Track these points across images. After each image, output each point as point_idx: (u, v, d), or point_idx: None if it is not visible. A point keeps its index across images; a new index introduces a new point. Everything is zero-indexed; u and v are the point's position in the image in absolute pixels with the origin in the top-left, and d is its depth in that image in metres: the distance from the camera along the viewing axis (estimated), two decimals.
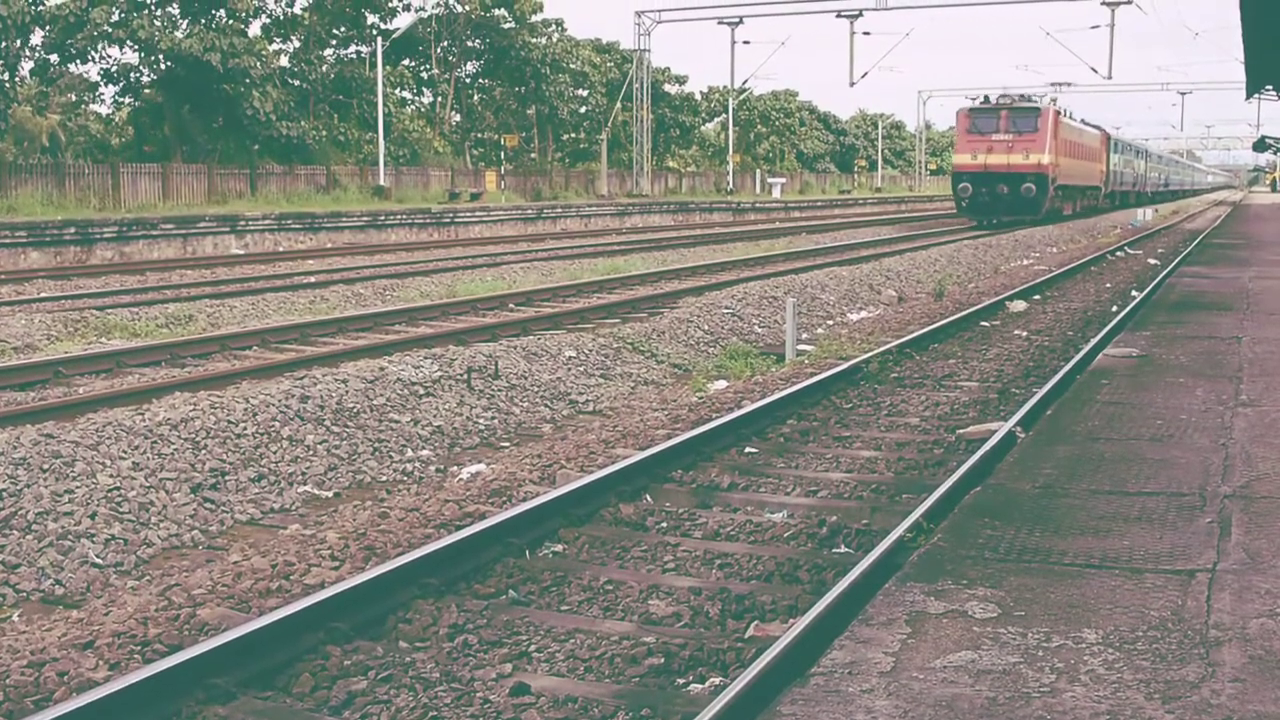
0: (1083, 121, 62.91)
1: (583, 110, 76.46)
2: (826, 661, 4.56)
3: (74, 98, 55.22)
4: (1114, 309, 21.87)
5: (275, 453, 10.28)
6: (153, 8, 47.43)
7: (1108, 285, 27.87)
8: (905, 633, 4.83)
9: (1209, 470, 7.48)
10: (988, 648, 4.68)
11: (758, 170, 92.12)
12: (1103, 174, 68.37)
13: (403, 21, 60.72)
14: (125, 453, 9.45)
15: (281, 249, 36.72)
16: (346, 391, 11.81)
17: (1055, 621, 4.96)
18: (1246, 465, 7.59)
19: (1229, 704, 4.18)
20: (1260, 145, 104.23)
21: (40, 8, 45.20)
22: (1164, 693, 4.28)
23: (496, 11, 66.29)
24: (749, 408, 12.07)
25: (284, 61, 53.71)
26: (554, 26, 71.66)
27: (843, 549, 8.25)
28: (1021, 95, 53.02)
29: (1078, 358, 14.91)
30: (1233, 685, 4.33)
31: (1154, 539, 6.09)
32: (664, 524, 8.87)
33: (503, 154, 63.30)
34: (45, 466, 8.91)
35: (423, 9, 62.15)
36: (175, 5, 47.97)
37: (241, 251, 35.29)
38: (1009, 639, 4.77)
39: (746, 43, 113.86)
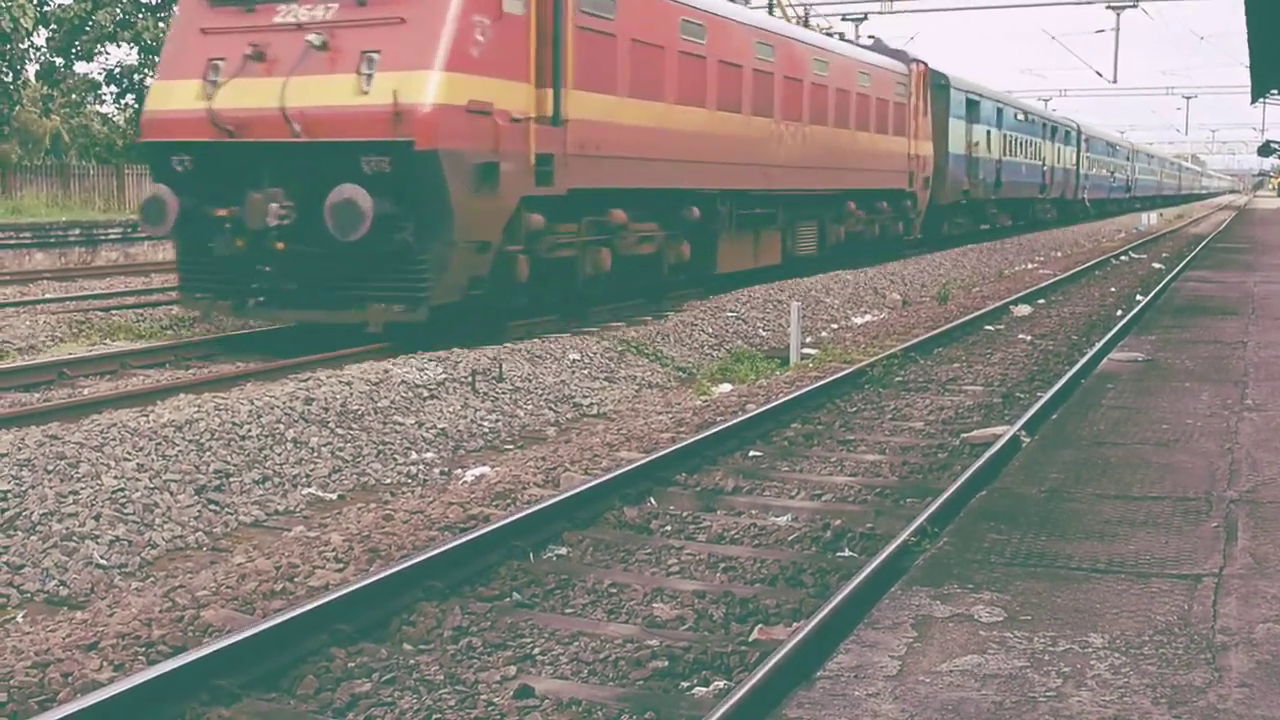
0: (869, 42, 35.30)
1: None
2: (832, 665, 4.55)
3: (76, 98, 55.17)
4: (1119, 313, 21.86)
5: (280, 455, 10.27)
6: (155, 9, 47.42)
7: (1112, 289, 27.86)
8: (911, 636, 4.82)
9: (1215, 475, 7.47)
10: (994, 652, 4.67)
11: None
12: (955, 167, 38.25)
13: None
14: (130, 454, 9.45)
15: None
16: (351, 394, 11.81)
17: (1061, 626, 4.95)
18: (1252, 470, 7.58)
19: (1236, 709, 4.17)
20: (1265, 150, 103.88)
21: (45, 8, 45.14)
22: (1170, 697, 4.27)
23: None
24: (753, 411, 12.06)
25: None
26: None
27: (847, 553, 8.24)
28: None
29: (1083, 362, 14.90)
30: (1239, 690, 4.32)
31: (1160, 544, 6.08)
32: (668, 527, 8.86)
33: None
34: (50, 468, 8.90)
35: None
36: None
37: None
38: (1015, 643, 4.76)
39: None
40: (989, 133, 42.66)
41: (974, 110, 40.58)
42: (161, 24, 46.01)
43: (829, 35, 32.11)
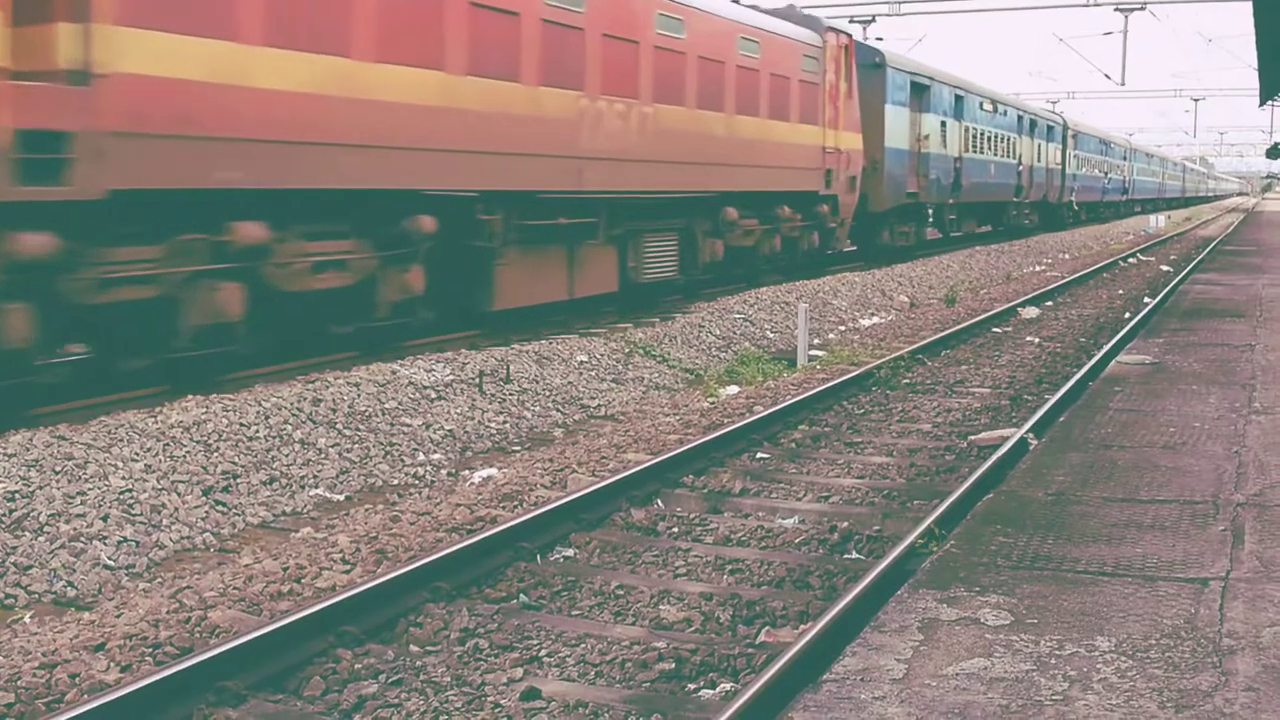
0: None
1: None
2: (839, 668, 4.55)
3: None
4: (1126, 316, 21.85)
5: (287, 456, 10.28)
6: None
7: (1120, 292, 27.83)
8: (918, 639, 4.82)
9: (1222, 478, 7.46)
10: (1000, 655, 4.67)
11: None
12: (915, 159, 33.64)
13: None
14: (137, 455, 9.46)
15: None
16: (358, 395, 11.82)
17: (1068, 629, 4.94)
18: (1260, 473, 7.57)
19: (1242, 713, 4.17)
20: (1273, 152, 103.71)
21: None
22: (1177, 701, 4.26)
23: None
24: (761, 413, 12.07)
25: None
26: None
27: (854, 555, 8.24)
28: None
29: (1090, 364, 14.90)
30: (1246, 694, 4.31)
31: (1167, 547, 6.07)
32: (675, 529, 8.86)
33: None
34: (58, 468, 8.91)
35: None
36: None
37: None
38: (1022, 646, 4.76)
39: None
40: (944, 125, 36.13)
41: (922, 96, 34.29)
42: None
43: None
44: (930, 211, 35.18)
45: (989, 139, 41.58)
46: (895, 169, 31.66)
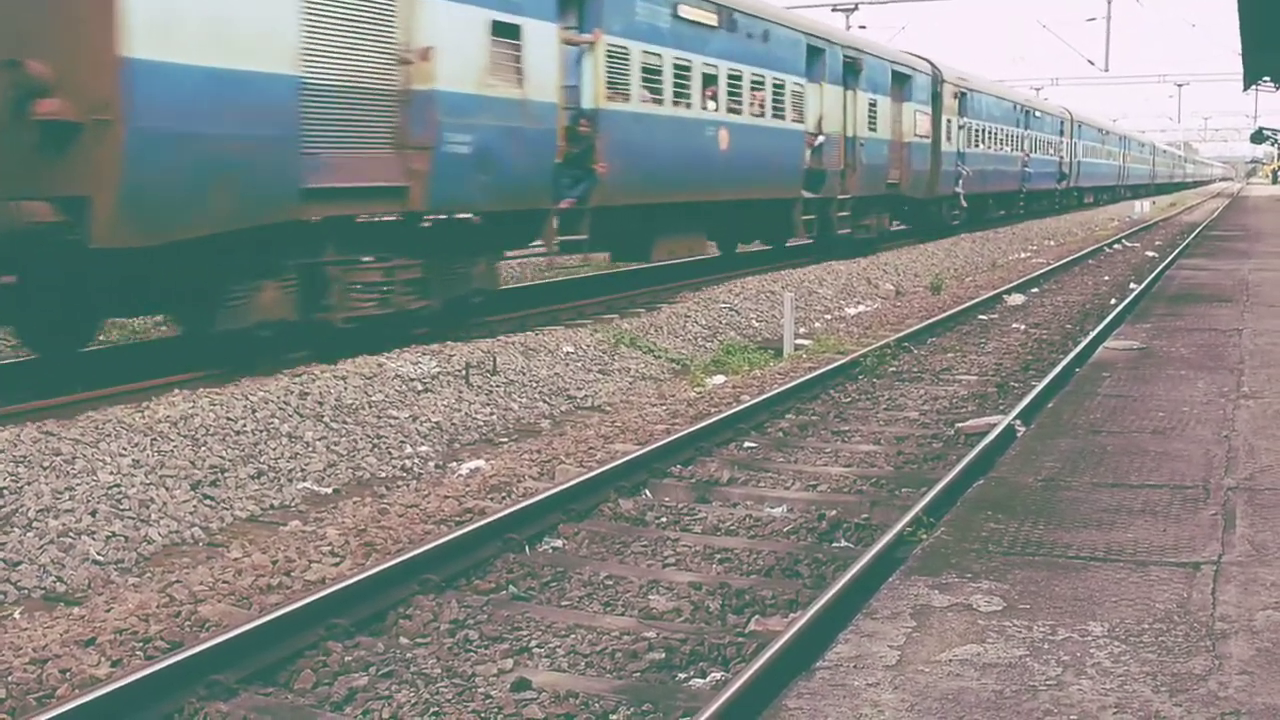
0: None
1: None
2: (832, 655, 4.54)
3: None
4: (1113, 302, 21.87)
5: (275, 449, 10.25)
6: None
7: (1106, 278, 27.88)
8: (910, 626, 4.81)
9: (1212, 463, 7.47)
10: (993, 641, 4.67)
11: None
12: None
13: None
14: (125, 450, 9.43)
15: None
16: (345, 388, 11.79)
17: (1061, 614, 4.95)
18: (1250, 457, 7.58)
19: (1236, 696, 4.17)
20: (1258, 137, 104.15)
21: None
22: (1171, 685, 4.27)
23: None
24: (747, 402, 12.07)
25: None
26: None
27: (843, 543, 8.24)
28: None
29: (1077, 351, 14.91)
30: (1240, 678, 4.32)
31: (1158, 532, 6.08)
32: (663, 519, 8.86)
33: None
34: (46, 464, 8.88)
35: None
36: None
37: None
38: (1014, 632, 4.75)
39: None
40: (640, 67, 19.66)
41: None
42: None
43: None
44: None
45: (745, 99, 23.37)
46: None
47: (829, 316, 21.19)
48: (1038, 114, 52.99)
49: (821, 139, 26.25)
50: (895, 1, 46.90)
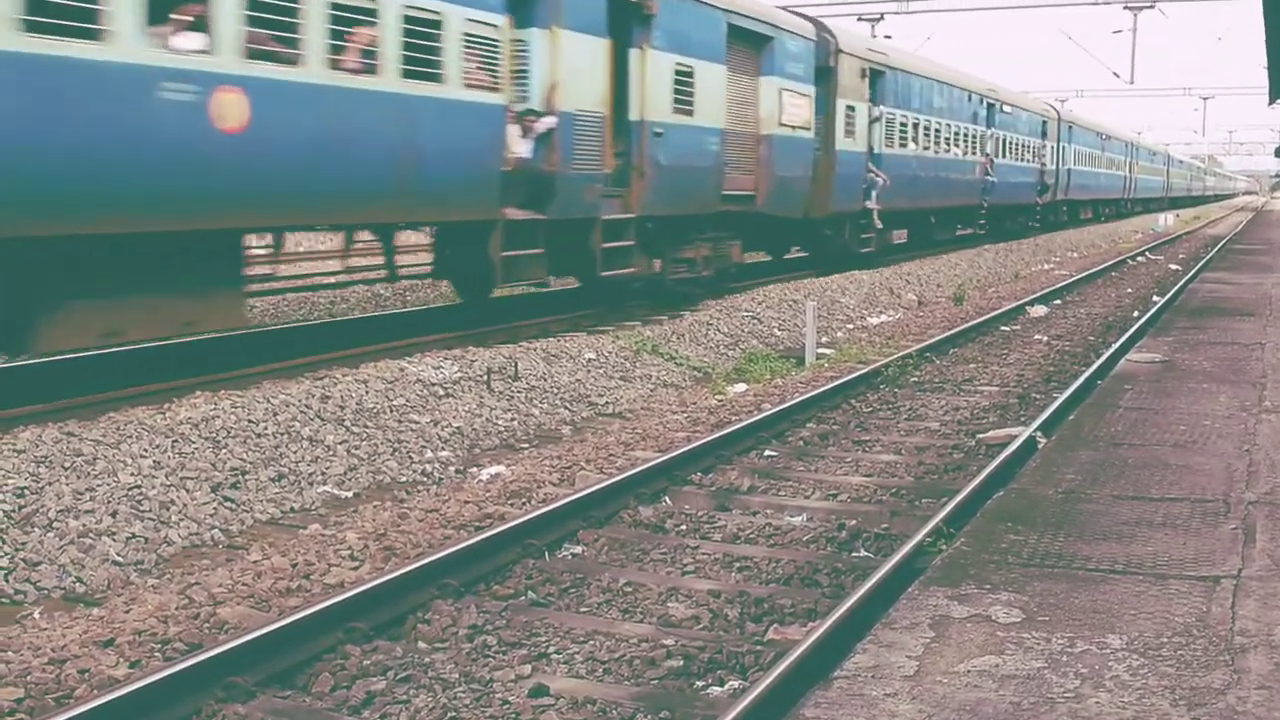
0: None
1: None
2: (850, 665, 4.54)
3: None
4: (1135, 314, 21.81)
5: (295, 452, 10.28)
6: None
7: (1129, 290, 27.80)
8: (929, 636, 4.80)
9: (1233, 476, 7.44)
10: (1012, 652, 4.65)
11: None
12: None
13: None
14: (146, 451, 9.46)
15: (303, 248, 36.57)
16: (367, 392, 11.81)
17: (1079, 627, 4.93)
18: (1271, 472, 7.55)
19: (1255, 711, 4.15)
20: None
21: None
22: (1189, 699, 4.25)
23: None
24: (769, 411, 12.06)
25: None
26: None
27: (862, 553, 8.22)
28: None
29: (1099, 363, 14.87)
30: (1259, 693, 4.30)
31: (1178, 545, 6.06)
32: (683, 526, 8.85)
33: None
34: (67, 464, 8.91)
35: None
36: None
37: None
38: (1033, 644, 4.74)
39: None
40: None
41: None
42: None
43: None
44: None
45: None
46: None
47: (851, 326, 21.17)
48: (1006, 109, 40.98)
49: (551, 121, 15.87)
50: (922, 12, 46.67)
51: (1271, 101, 50.85)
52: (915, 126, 31.55)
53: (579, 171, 16.42)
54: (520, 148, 15.47)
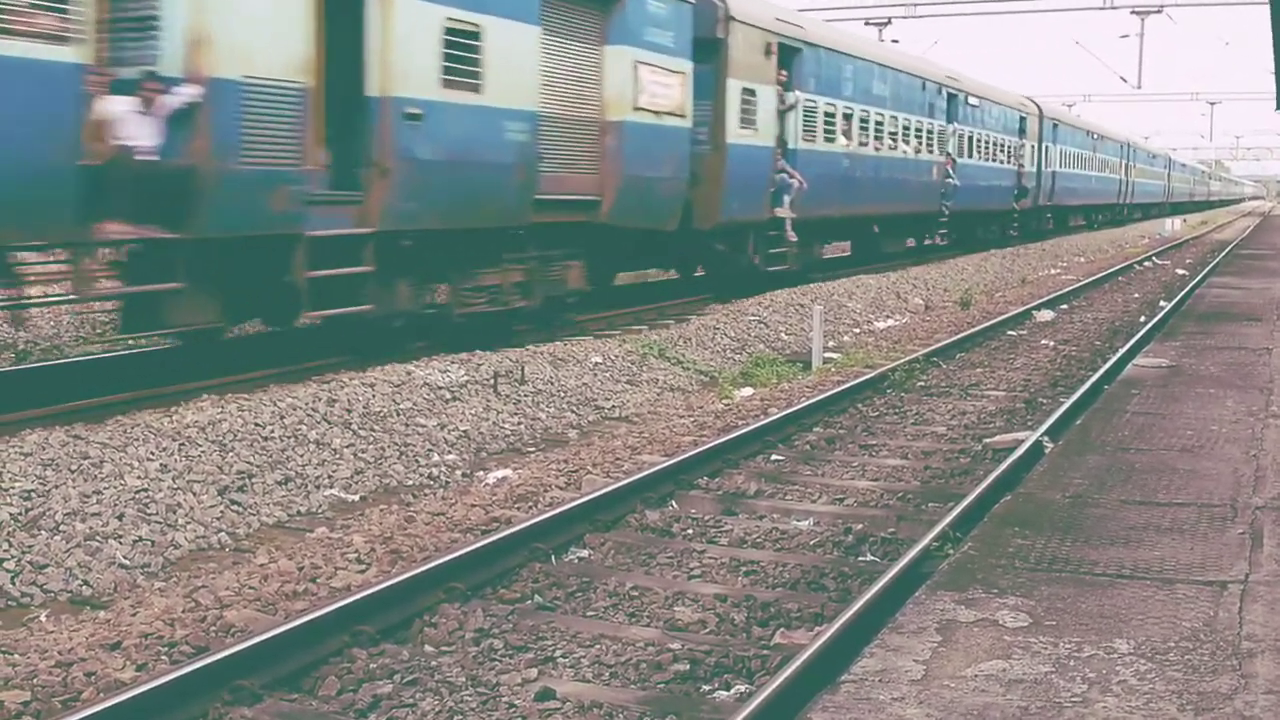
0: None
1: None
2: (857, 669, 4.53)
3: None
4: (1142, 319, 21.78)
5: (302, 456, 10.29)
6: None
7: (1135, 295, 27.77)
8: (936, 641, 4.80)
9: (1240, 481, 7.43)
10: (1019, 657, 4.65)
11: None
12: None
13: None
14: (153, 454, 9.47)
15: None
16: (373, 395, 11.82)
17: (1087, 631, 4.93)
18: (1279, 477, 7.54)
19: (1262, 716, 4.15)
20: None
21: None
22: (1196, 704, 4.24)
23: None
24: (775, 415, 12.05)
25: None
26: None
27: (869, 557, 8.22)
28: None
29: (1106, 367, 14.85)
30: (1266, 697, 4.29)
31: (1185, 550, 6.05)
32: (690, 531, 8.85)
33: None
34: (74, 467, 8.92)
35: None
36: None
37: None
38: (1040, 648, 4.74)
39: None
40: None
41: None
42: None
43: None
44: None
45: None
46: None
47: (858, 330, 21.16)
48: (973, 101, 35.41)
49: (191, 92, 10.75)
50: (929, 17, 46.59)
51: (1279, 107, 50.81)
52: (848, 118, 25.95)
53: (253, 168, 11.24)
54: (133, 131, 10.62)
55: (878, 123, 27.84)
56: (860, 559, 8.17)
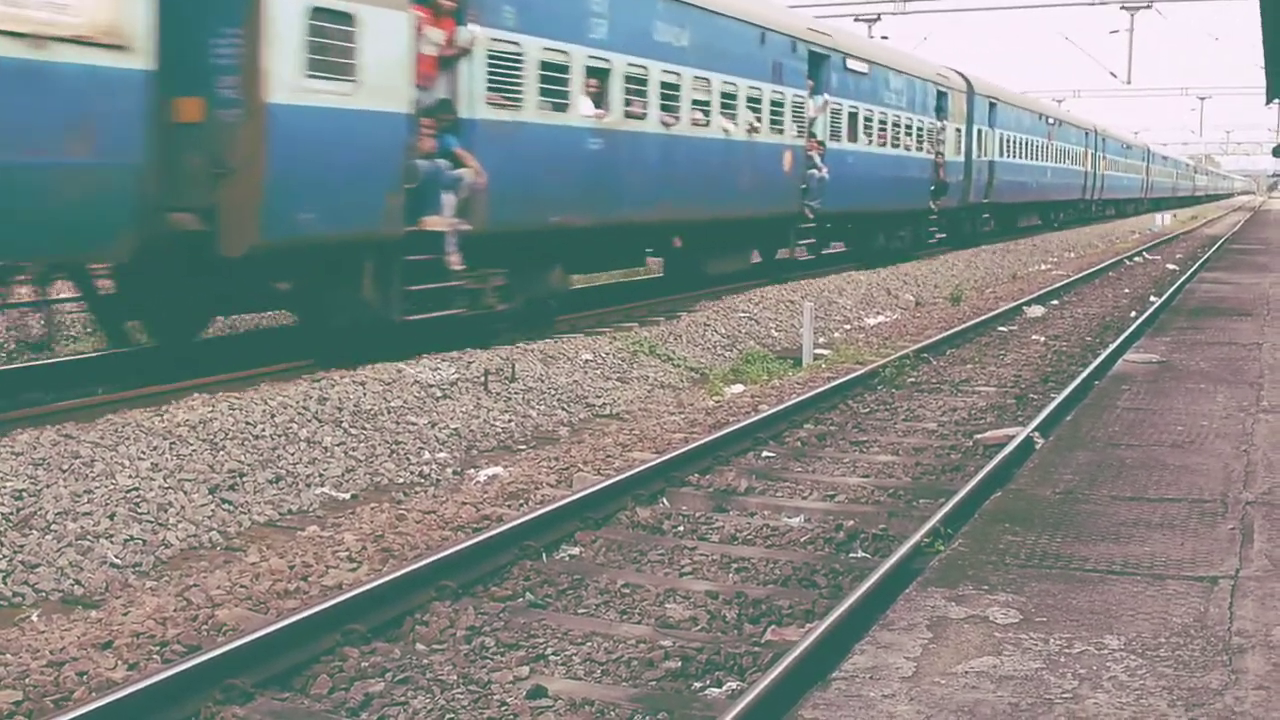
0: None
1: None
2: (848, 666, 4.54)
3: None
4: (1133, 315, 21.82)
5: (293, 454, 10.28)
6: None
7: (1126, 291, 27.81)
8: (927, 638, 4.81)
9: (1231, 477, 7.45)
10: (1010, 653, 4.66)
11: None
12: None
13: None
14: (144, 454, 9.45)
15: None
16: (364, 393, 11.81)
17: (1077, 627, 4.94)
18: (1269, 472, 7.56)
19: (1253, 711, 4.16)
20: None
21: None
22: (1187, 700, 4.25)
23: None
24: (766, 412, 12.06)
25: None
26: None
27: (860, 554, 8.23)
28: None
29: (1097, 363, 14.88)
30: (1256, 693, 4.30)
31: (1176, 545, 6.06)
32: (680, 528, 8.85)
33: None
34: (64, 467, 8.91)
35: None
36: None
37: None
38: (1031, 645, 4.74)
39: None
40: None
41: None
42: None
43: None
44: None
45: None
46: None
47: (848, 326, 21.17)
48: (854, 66, 27.16)
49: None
50: (918, 13, 46.62)
51: (1269, 101, 50.82)
52: (599, 74, 16.91)
53: None
54: None
55: (667, 84, 18.76)
56: (851, 555, 8.18)
